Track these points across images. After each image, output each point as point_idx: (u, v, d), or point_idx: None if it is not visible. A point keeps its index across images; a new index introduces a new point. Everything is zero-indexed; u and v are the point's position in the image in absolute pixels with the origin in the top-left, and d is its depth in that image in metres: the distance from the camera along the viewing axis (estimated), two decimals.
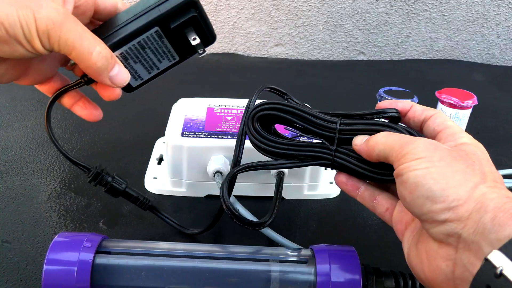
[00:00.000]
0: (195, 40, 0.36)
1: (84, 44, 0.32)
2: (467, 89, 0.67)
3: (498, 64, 1.10)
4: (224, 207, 0.38)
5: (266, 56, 1.06)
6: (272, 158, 0.39)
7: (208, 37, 0.37)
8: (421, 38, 1.06)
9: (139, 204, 0.45)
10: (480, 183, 0.28)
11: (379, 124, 0.35)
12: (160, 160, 0.59)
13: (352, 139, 0.36)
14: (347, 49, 1.07)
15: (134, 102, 0.76)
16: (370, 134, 0.35)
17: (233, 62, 1.01)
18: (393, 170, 0.31)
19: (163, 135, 0.57)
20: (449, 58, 1.09)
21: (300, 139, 0.40)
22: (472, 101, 0.63)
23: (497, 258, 0.24)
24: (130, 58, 0.36)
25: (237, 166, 0.40)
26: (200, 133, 0.51)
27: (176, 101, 0.59)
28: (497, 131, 0.76)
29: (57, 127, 0.67)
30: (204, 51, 0.38)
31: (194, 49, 0.37)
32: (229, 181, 0.40)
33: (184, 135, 0.51)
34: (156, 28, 0.35)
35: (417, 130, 0.36)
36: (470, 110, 0.64)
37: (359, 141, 0.35)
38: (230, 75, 0.94)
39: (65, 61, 0.39)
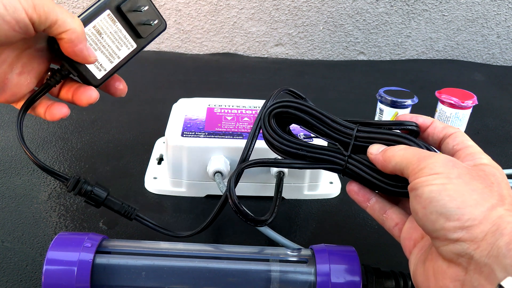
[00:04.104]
0: (144, 7, 0.39)
1: (64, 11, 0.34)
2: (467, 89, 0.67)
3: (498, 64, 1.10)
4: (230, 201, 0.38)
5: (266, 56, 1.06)
6: (283, 157, 0.39)
7: (156, 13, 0.40)
8: (421, 38, 1.06)
9: (124, 213, 0.41)
10: (497, 205, 0.27)
11: (397, 135, 0.34)
12: (160, 160, 0.59)
13: (367, 147, 0.35)
14: (347, 49, 1.07)
15: (134, 102, 0.76)
16: (387, 144, 0.34)
17: (233, 62, 1.01)
18: (406, 183, 0.31)
19: (163, 135, 0.57)
20: (449, 58, 1.09)
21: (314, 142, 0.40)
22: (472, 101, 0.63)
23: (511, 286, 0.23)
24: (89, 45, 0.38)
25: (247, 161, 0.40)
26: (200, 133, 0.51)
27: (176, 101, 0.59)
28: (497, 131, 0.76)
29: (57, 127, 0.67)
30: (155, 20, 0.40)
31: (146, 29, 0.40)
32: (238, 174, 0.40)
33: (184, 135, 0.51)
34: (108, 11, 0.38)
35: (435, 147, 0.35)
36: (470, 110, 0.64)
37: (375, 150, 0.34)
38: (230, 75, 0.94)
39: (41, 77, 0.39)
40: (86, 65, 0.38)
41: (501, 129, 0.77)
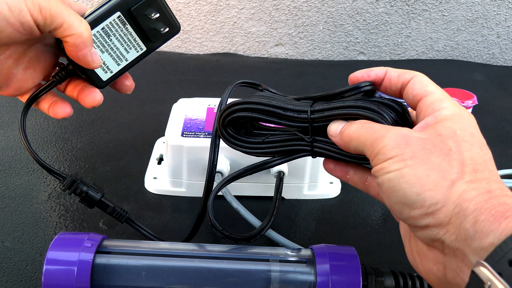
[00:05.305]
0: (155, 14, 0.38)
1: (72, 13, 0.33)
2: (467, 89, 0.67)
3: (498, 64, 1.10)
4: (214, 229, 0.38)
5: (266, 56, 1.06)
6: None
7: (168, 18, 0.39)
8: (421, 38, 1.06)
9: (115, 216, 0.43)
10: (457, 180, 0.26)
11: (352, 107, 0.32)
12: (160, 160, 0.59)
13: (327, 125, 0.33)
14: (347, 49, 1.07)
15: (134, 103, 0.76)
16: (345, 119, 0.32)
17: (233, 62, 1.01)
18: None
19: (163, 135, 0.57)
20: (449, 58, 1.09)
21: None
22: (472, 101, 0.63)
23: (484, 271, 0.22)
24: (97, 47, 0.37)
25: (219, 184, 0.40)
26: (200, 133, 0.51)
27: (176, 101, 0.59)
28: (497, 131, 0.76)
29: (57, 127, 0.67)
30: (166, 28, 0.39)
31: (157, 34, 0.39)
32: (213, 199, 0.40)
33: (184, 135, 0.51)
34: (118, 13, 0.37)
35: (397, 97, 0.33)
36: (470, 110, 0.64)
37: (334, 132, 0.32)
38: (230, 75, 0.94)
39: (48, 71, 0.39)
40: None
41: (501, 129, 0.76)
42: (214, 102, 0.58)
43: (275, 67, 1.00)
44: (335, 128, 0.32)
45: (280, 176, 0.49)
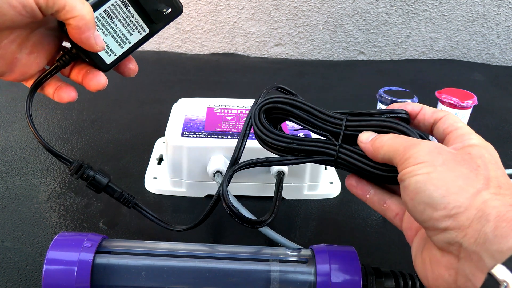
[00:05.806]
0: None
1: None
2: (467, 89, 0.67)
3: (498, 64, 1.10)
4: (224, 205, 0.38)
5: (266, 56, 1.06)
6: (275, 154, 0.38)
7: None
8: (421, 38, 1.06)
9: (123, 201, 0.43)
10: (482, 189, 0.27)
11: (387, 121, 0.34)
12: (160, 160, 0.59)
13: (357, 135, 0.35)
14: (347, 49, 1.07)
15: (134, 102, 0.76)
16: (377, 131, 0.34)
17: (233, 62, 1.01)
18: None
19: (163, 135, 0.57)
20: (449, 58, 1.09)
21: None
22: (472, 101, 0.63)
23: (501, 273, 0.23)
24: (100, 29, 0.37)
25: (238, 164, 0.40)
26: (200, 133, 0.51)
27: (176, 101, 0.59)
28: (497, 131, 0.76)
29: (57, 127, 0.67)
30: (169, 9, 0.39)
31: (160, 15, 0.38)
32: (230, 177, 0.39)
33: (184, 135, 0.51)
34: None
35: (427, 132, 0.35)
36: (470, 110, 0.64)
37: (365, 139, 0.34)
38: (230, 75, 0.94)
39: (52, 56, 0.39)
40: None
41: (501, 129, 0.76)
42: (214, 102, 0.58)
43: (275, 67, 1.00)
44: (367, 136, 0.34)
45: (280, 176, 0.49)
